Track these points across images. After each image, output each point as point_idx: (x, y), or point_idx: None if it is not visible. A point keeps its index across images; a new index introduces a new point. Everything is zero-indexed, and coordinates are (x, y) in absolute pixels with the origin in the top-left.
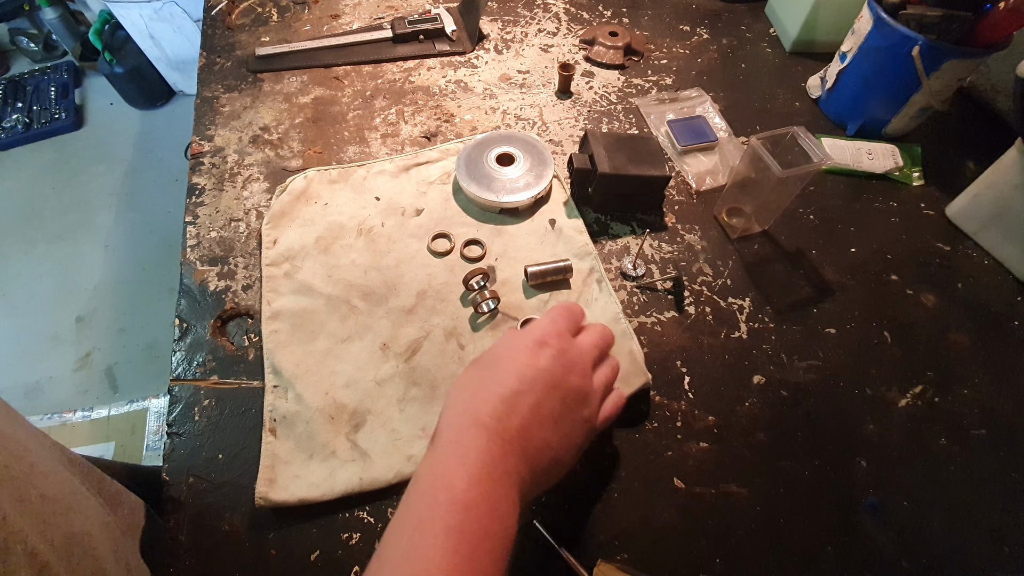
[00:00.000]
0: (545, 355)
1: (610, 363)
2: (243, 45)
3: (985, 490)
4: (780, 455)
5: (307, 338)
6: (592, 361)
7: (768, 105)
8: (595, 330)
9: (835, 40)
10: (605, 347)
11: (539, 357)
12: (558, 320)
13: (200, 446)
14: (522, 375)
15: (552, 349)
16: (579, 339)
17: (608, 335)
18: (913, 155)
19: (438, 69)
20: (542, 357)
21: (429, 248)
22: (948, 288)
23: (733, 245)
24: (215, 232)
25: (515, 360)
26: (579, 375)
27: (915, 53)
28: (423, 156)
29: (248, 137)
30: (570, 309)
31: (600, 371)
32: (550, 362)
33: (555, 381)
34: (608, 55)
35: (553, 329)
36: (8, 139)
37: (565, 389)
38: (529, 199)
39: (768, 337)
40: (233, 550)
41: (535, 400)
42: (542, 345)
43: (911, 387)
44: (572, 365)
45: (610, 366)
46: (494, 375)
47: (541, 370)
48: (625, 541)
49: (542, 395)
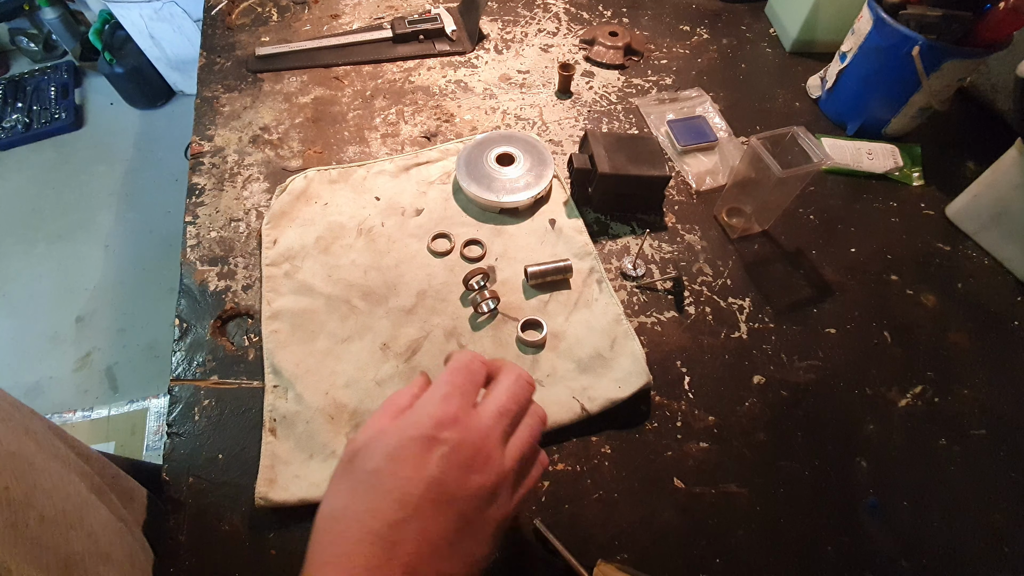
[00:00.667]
0: (435, 458)
1: (528, 421)
2: (243, 45)
3: (985, 490)
4: (780, 455)
5: (307, 338)
6: (500, 436)
7: (768, 105)
8: (502, 385)
9: (835, 40)
10: (519, 405)
11: (427, 464)
12: (452, 396)
13: (200, 446)
14: (404, 497)
15: (445, 447)
16: (480, 411)
17: (522, 383)
18: (913, 155)
19: (438, 69)
20: (431, 463)
21: (429, 248)
22: (948, 288)
23: (733, 245)
24: (215, 232)
25: (395, 475)
26: (482, 469)
27: (915, 53)
28: (423, 156)
29: (248, 137)
30: (468, 370)
31: (515, 440)
32: (441, 468)
33: (449, 493)
34: (608, 55)
35: (446, 413)
36: (8, 139)
37: (462, 500)
38: (529, 199)
39: (768, 337)
40: (233, 550)
41: (421, 528)
42: (430, 443)
43: (911, 387)
44: (472, 460)
45: (528, 426)
46: (368, 500)
47: (430, 483)
48: (625, 541)
49: (431, 519)
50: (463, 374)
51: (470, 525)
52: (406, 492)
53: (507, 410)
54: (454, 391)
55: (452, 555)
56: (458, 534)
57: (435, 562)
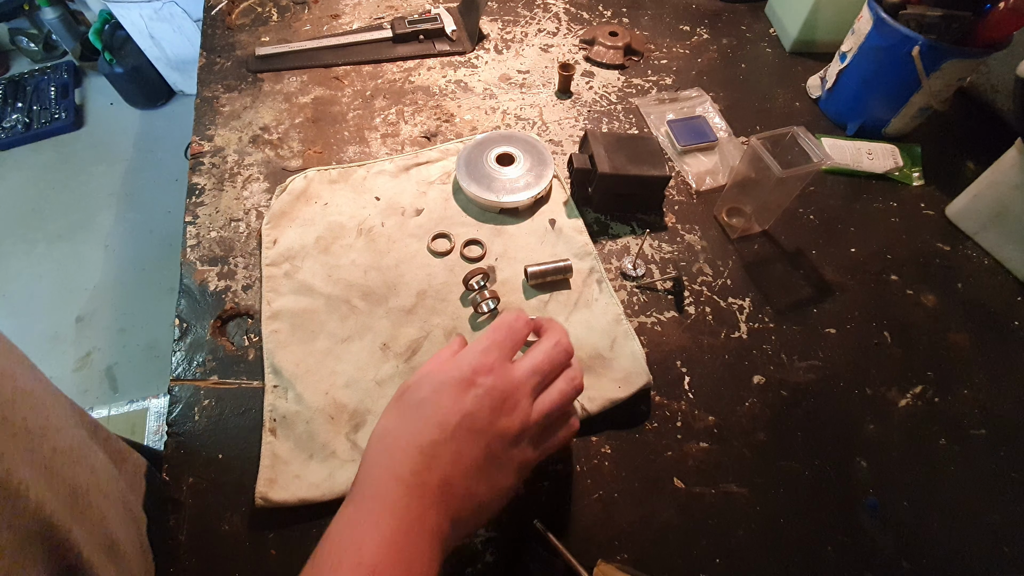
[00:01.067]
0: (470, 397)
1: (559, 386)
2: (243, 45)
3: (985, 490)
4: (780, 455)
5: (307, 338)
6: (531, 390)
7: (768, 105)
8: (541, 347)
9: (835, 40)
10: (553, 367)
11: (463, 400)
12: (491, 349)
13: (200, 446)
14: (443, 423)
15: (479, 389)
16: (517, 368)
17: (560, 350)
18: (913, 155)
19: (438, 69)
20: (467, 400)
21: (429, 248)
22: (948, 288)
23: (733, 245)
24: (215, 232)
25: (437, 404)
26: (509, 414)
27: (915, 53)
28: (423, 156)
29: (248, 137)
30: (510, 329)
31: (544, 398)
32: (475, 405)
33: (479, 427)
34: (608, 55)
35: (483, 363)
36: (8, 139)
37: (490, 435)
38: (529, 199)
39: (768, 337)
40: (233, 550)
41: (456, 450)
42: (468, 385)
43: (911, 387)
44: (501, 404)
45: (559, 390)
46: (414, 422)
47: (465, 415)
48: (625, 541)
49: (464, 443)
50: (504, 331)
51: (496, 458)
52: (445, 419)
53: (540, 369)
54: (493, 346)
55: (480, 478)
56: (486, 462)
57: (465, 480)
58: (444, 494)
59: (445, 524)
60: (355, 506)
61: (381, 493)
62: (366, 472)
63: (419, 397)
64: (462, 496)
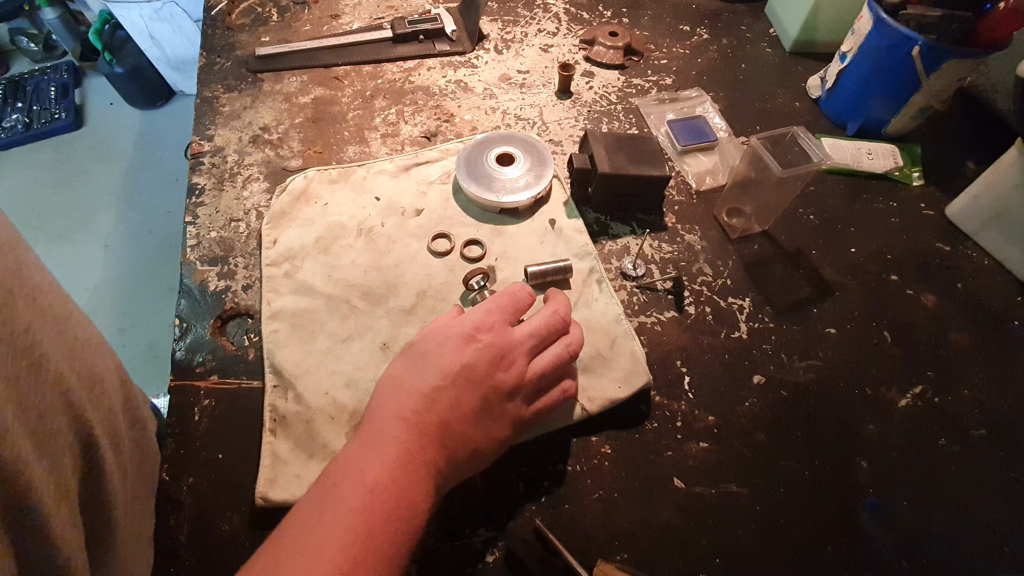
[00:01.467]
0: (470, 351)
1: (555, 350)
2: (243, 45)
3: (985, 490)
4: (780, 455)
5: (307, 338)
6: (527, 352)
7: (768, 105)
8: (541, 314)
9: (835, 40)
10: (550, 332)
11: (464, 353)
12: (493, 312)
13: (200, 446)
14: (444, 371)
15: (479, 344)
16: (516, 330)
17: (558, 318)
18: (913, 155)
19: (438, 69)
20: (467, 353)
21: (429, 248)
22: (948, 288)
23: (733, 245)
24: (215, 232)
25: (440, 355)
26: (506, 370)
27: (915, 53)
28: (423, 156)
29: (248, 137)
30: (514, 296)
31: (540, 359)
32: (474, 357)
33: (477, 378)
34: (608, 55)
35: (485, 322)
36: (8, 139)
37: (487, 386)
38: (529, 199)
39: (768, 337)
40: (233, 550)
41: (455, 396)
42: (469, 340)
43: (911, 387)
44: (499, 360)
45: (554, 353)
46: (418, 370)
47: (464, 366)
48: (625, 541)
49: (463, 391)
50: (507, 298)
51: (492, 409)
52: (447, 368)
53: (537, 333)
54: (496, 309)
55: (476, 424)
56: (482, 411)
57: (462, 424)
58: (442, 434)
59: (441, 461)
60: (360, 439)
61: (385, 428)
62: (372, 412)
63: (424, 348)
64: (458, 438)
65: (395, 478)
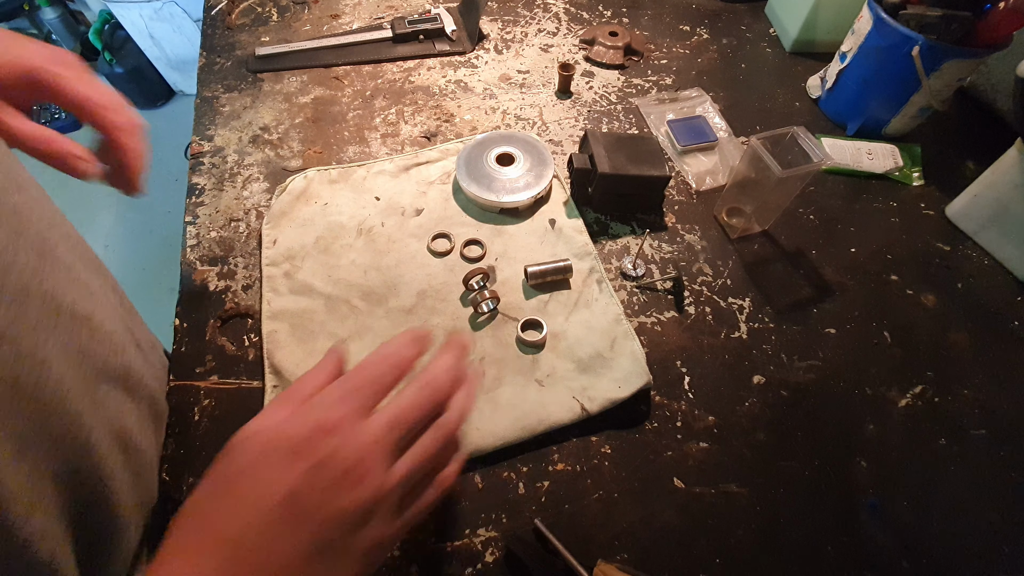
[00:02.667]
0: (298, 472)
1: (432, 434)
2: (243, 45)
3: (985, 490)
4: (780, 455)
5: (307, 338)
6: (387, 451)
7: (768, 105)
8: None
9: (835, 40)
10: (423, 412)
11: (289, 474)
12: (343, 399)
13: (200, 446)
14: (259, 504)
15: (313, 458)
16: (370, 425)
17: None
18: (913, 155)
19: (438, 69)
20: (293, 475)
21: (429, 248)
22: (948, 288)
23: (733, 245)
24: (215, 232)
25: (255, 478)
26: (354, 486)
27: (915, 53)
28: (423, 156)
29: (248, 137)
30: (385, 361)
31: (407, 456)
32: (303, 481)
33: (308, 510)
34: (608, 55)
35: (327, 420)
36: None
37: (323, 520)
38: (529, 199)
39: (768, 337)
40: None
41: (272, 541)
42: (302, 452)
43: (911, 387)
44: (344, 477)
45: (430, 439)
46: (226, 502)
47: (288, 496)
48: (625, 541)
49: (286, 534)
50: (378, 368)
51: (331, 547)
52: (262, 499)
53: (402, 421)
54: (354, 392)
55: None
56: (317, 553)
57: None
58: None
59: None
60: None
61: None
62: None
63: (238, 466)
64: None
65: None
